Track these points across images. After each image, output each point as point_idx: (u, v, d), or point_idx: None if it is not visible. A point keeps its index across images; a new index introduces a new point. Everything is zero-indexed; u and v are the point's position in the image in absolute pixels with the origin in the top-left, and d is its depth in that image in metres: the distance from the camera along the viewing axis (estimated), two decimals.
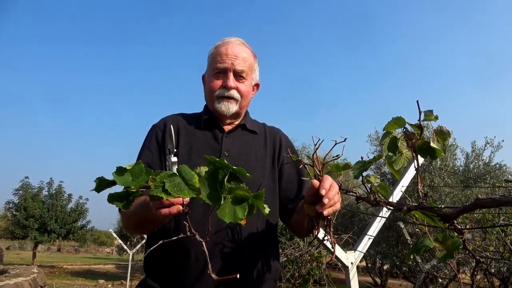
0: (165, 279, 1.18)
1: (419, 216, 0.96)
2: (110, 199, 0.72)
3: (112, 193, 0.72)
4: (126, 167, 0.71)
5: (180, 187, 0.72)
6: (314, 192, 0.98)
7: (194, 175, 0.74)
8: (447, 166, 9.87)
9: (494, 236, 3.43)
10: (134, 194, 0.73)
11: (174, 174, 0.73)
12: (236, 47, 1.32)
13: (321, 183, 0.97)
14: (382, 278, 14.20)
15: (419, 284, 7.13)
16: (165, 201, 0.88)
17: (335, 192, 0.99)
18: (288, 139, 1.45)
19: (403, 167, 1.06)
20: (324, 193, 0.95)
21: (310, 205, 1.00)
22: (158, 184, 0.71)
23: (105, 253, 39.44)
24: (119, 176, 0.71)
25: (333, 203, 0.98)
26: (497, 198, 0.71)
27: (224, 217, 0.74)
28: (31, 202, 16.21)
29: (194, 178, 0.73)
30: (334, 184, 1.00)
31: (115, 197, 0.72)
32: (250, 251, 1.20)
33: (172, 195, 0.70)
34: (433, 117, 0.94)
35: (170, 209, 0.89)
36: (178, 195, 0.70)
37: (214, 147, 1.28)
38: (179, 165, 0.77)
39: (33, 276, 5.97)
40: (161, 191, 0.70)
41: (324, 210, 0.95)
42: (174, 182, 0.72)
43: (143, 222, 1.10)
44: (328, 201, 0.95)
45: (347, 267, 2.42)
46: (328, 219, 1.00)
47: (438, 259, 0.90)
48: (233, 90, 1.30)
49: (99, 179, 0.72)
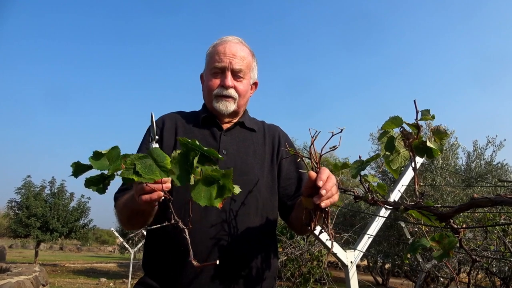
0: (163, 277, 1.18)
1: (416, 215, 0.97)
2: (86, 184, 0.72)
3: (88, 178, 0.72)
4: (102, 152, 0.71)
5: (151, 168, 0.71)
6: (311, 184, 0.97)
7: (166, 156, 0.73)
8: (448, 165, 9.85)
9: (495, 235, 3.43)
10: (110, 178, 0.72)
11: (145, 156, 0.72)
12: (234, 46, 1.32)
13: (318, 175, 0.97)
14: (384, 277, 14.20)
15: (420, 283, 7.13)
16: (145, 187, 0.89)
17: (333, 183, 0.98)
18: (287, 136, 1.45)
19: (401, 166, 1.06)
20: (321, 184, 0.95)
21: (307, 197, 0.99)
22: (129, 166, 0.71)
23: (107, 251, 39.55)
24: (96, 160, 0.71)
25: (331, 195, 0.97)
26: (492, 197, 0.71)
27: (199, 200, 0.73)
28: (33, 201, 16.25)
29: (165, 160, 0.72)
30: (331, 175, 1.00)
31: (91, 181, 0.72)
32: (250, 249, 1.21)
33: (143, 177, 0.69)
34: (429, 116, 0.94)
35: (151, 195, 0.90)
36: (149, 176, 0.70)
37: (212, 145, 1.28)
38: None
39: (35, 274, 6.00)
40: (132, 173, 0.70)
41: (322, 202, 0.95)
42: (145, 164, 0.71)
43: (133, 213, 1.10)
44: (325, 192, 0.95)
45: (347, 266, 2.42)
46: (326, 211, 0.99)
47: (435, 258, 0.90)
48: (231, 89, 1.30)
49: (75, 164, 0.72)
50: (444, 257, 0.87)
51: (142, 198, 0.90)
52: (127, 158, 0.71)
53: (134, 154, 0.72)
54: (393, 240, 9.46)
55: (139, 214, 1.09)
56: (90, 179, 0.72)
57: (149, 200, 0.90)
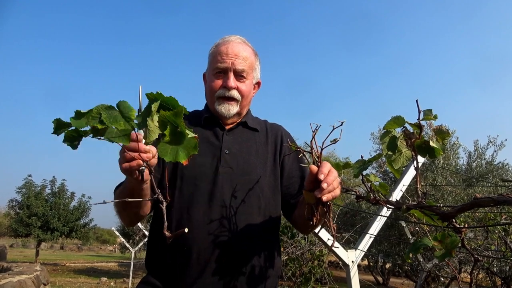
0: (166, 277, 1.19)
1: (418, 215, 0.97)
2: (64, 140, 0.74)
3: (66, 133, 0.74)
4: (82, 111, 0.73)
5: (116, 119, 0.72)
6: (313, 178, 0.97)
7: (132, 108, 0.75)
8: (449, 165, 9.85)
9: (496, 235, 3.43)
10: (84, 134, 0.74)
11: (111, 107, 0.74)
12: (236, 46, 1.30)
13: (320, 168, 0.96)
14: (384, 277, 14.21)
15: (421, 282, 7.13)
16: (126, 155, 0.91)
17: (334, 177, 0.98)
18: (290, 135, 1.45)
19: (403, 166, 1.06)
20: (322, 178, 0.94)
21: (309, 192, 0.99)
22: (95, 115, 0.72)
23: (108, 251, 39.58)
24: (75, 119, 0.73)
25: (332, 188, 0.97)
26: (494, 197, 0.71)
27: (165, 156, 0.74)
28: (34, 200, 16.26)
29: (131, 111, 0.74)
30: (332, 169, 0.99)
31: (68, 137, 0.74)
32: (253, 248, 1.21)
33: (107, 125, 0.71)
34: (432, 116, 0.94)
35: (130, 163, 0.91)
36: (113, 125, 0.71)
37: (215, 144, 1.28)
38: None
39: (36, 273, 6.01)
40: (98, 121, 0.71)
41: (323, 196, 0.94)
42: (111, 114, 0.73)
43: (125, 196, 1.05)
44: (327, 186, 0.94)
45: (348, 266, 2.42)
46: (328, 205, 0.99)
47: (437, 257, 0.90)
48: (234, 90, 1.29)
49: (56, 121, 0.73)
50: (447, 257, 0.88)
51: (123, 166, 0.92)
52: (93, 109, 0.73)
53: (101, 104, 0.74)
54: (394, 240, 9.46)
55: (130, 195, 1.04)
56: (67, 134, 0.74)
57: (129, 168, 0.92)
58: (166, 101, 0.77)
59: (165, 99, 0.77)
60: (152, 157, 0.94)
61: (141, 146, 0.90)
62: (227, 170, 1.24)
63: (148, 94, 0.78)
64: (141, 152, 0.90)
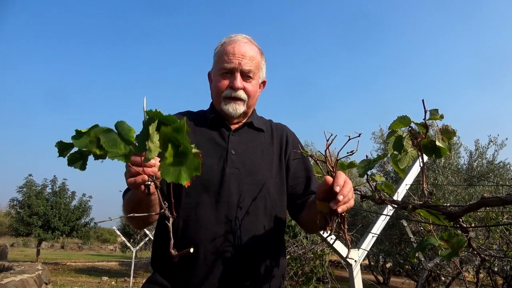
0: (174, 276, 1.19)
1: (424, 214, 0.97)
2: (69, 163, 0.72)
3: (69, 156, 0.72)
4: (83, 130, 0.71)
5: (115, 142, 0.70)
6: (327, 188, 0.97)
7: (131, 129, 0.72)
8: (450, 164, 9.85)
9: (497, 234, 3.43)
10: (88, 153, 0.72)
11: (110, 129, 0.71)
12: (243, 45, 1.29)
13: (335, 180, 0.97)
14: (385, 276, 14.21)
15: (422, 282, 7.13)
16: (131, 170, 0.91)
17: (349, 188, 0.98)
18: (295, 135, 1.45)
19: (408, 165, 1.07)
20: (338, 190, 0.94)
21: (322, 201, 0.99)
22: (93, 139, 0.70)
23: (109, 250, 39.57)
24: (77, 139, 0.71)
25: (347, 200, 0.97)
26: (503, 197, 0.71)
27: (166, 176, 0.71)
28: (35, 199, 16.27)
29: (130, 133, 0.71)
30: (348, 180, 0.99)
31: (73, 160, 0.72)
32: (259, 248, 1.21)
33: (107, 151, 0.69)
34: (438, 116, 0.94)
35: (135, 178, 0.91)
36: (113, 150, 0.69)
37: (221, 145, 1.28)
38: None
39: (38, 273, 6.01)
40: (95, 146, 0.69)
41: (339, 207, 0.95)
42: (110, 138, 0.70)
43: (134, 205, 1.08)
44: (342, 198, 0.94)
45: (351, 265, 2.43)
46: (342, 216, 0.99)
47: (443, 257, 0.90)
48: (240, 90, 1.28)
49: (58, 143, 0.72)
50: (453, 256, 0.88)
51: (128, 181, 0.92)
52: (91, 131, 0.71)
53: (99, 127, 0.71)
54: (395, 239, 9.46)
55: (137, 205, 1.06)
56: (70, 158, 0.72)
57: (133, 183, 0.91)
58: (164, 120, 0.74)
59: (163, 117, 0.73)
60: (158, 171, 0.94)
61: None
62: (233, 170, 1.24)
63: (147, 111, 0.74)
64: (146, 167, 0.89)
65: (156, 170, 0.91)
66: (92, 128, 0.71)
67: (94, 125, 0.72)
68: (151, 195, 0.99)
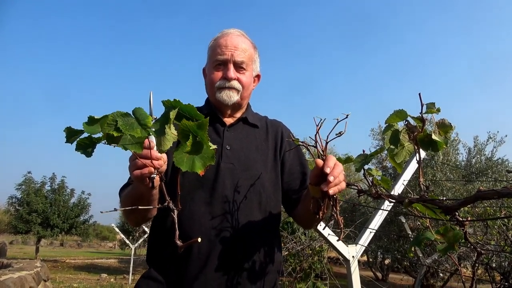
0: (168, 271, 1.19)
1: (421, 208, 0.96)
2: (77, 148, 0.73)
3: (78, 141, 0.73)
4: (96, 117, 0.72)
5: (132, 126, 0.71)
6: (318, 172, 0.97)
7: (148, 116, 0.74)
8: (449, 160, 9.87)
9: (495, 230, 3.43)
10: (97, 141, 0.73)
11: (128, 114, 0.73)
12: (235, 38, 1.31)
13: (325, 162, 0.97)
14: (384, 273, 14.27)
15: (420, 278, 7.16)
16: (137, 162, 0.90)
17: (340, 170, 0.98)
18: (290, 131, 1.44)
19: (405, 160, 1.06)
20: (329, 171, 0.95)
21: (315, 186, 0.99)
22: (110, 123, 0.71)
23: (108, 247, 39.63)
24: (89, 125, 0.72)
25: (338, 182, 0.97)
26: (498, 190, 0.71)
27: (181, 165, 0.74)
28: (34, 197, 16.27)
29: (147, 119, 0.73)
30: (338, 163, 1.00)
31: (81, 145, 0.73)
32: (253, 243, 1.21)
33: (124, 133, 0.70)
34: (435, 109, 0.93)
35: (142, 170, 0.90)
36: (130, 132, 0.70)
37: (216, 141, 1.28)
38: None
39: (36, 270, 6.01)
40: (113, 129, 0.70)
41: (330, 189, 0.95)
42: (127, 121, 0.72)
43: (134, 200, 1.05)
44: (333, 179, 0.95)
45: (348, 261, 2.42)
46: (334, 198, 0.99)
47: (439, 251, 0.90)
48: (234, 80, 1.29)
49: (67, 129, 0.72)
50: (449, 250, 0.87)
51: (134, 174, 0.92)
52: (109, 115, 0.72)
53: (117, 111, 0.73)
54: (393, 236, 9.49)
55: (138, 200, 1.04)
56: (79, 142, 0.73)
57: (140, 175, 0.91)
58: (184, 109, 0.77)
59: (183, 107, 0.76)
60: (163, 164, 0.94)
61: (153, 153, 0.89)
62: (228, 166, 1.24)
63: (165, 101, 0.76)
64: (153, 160, 0.89)
65: (162, 163, 0.92)
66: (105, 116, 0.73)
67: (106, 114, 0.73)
68: (153, 189, 0.99)
